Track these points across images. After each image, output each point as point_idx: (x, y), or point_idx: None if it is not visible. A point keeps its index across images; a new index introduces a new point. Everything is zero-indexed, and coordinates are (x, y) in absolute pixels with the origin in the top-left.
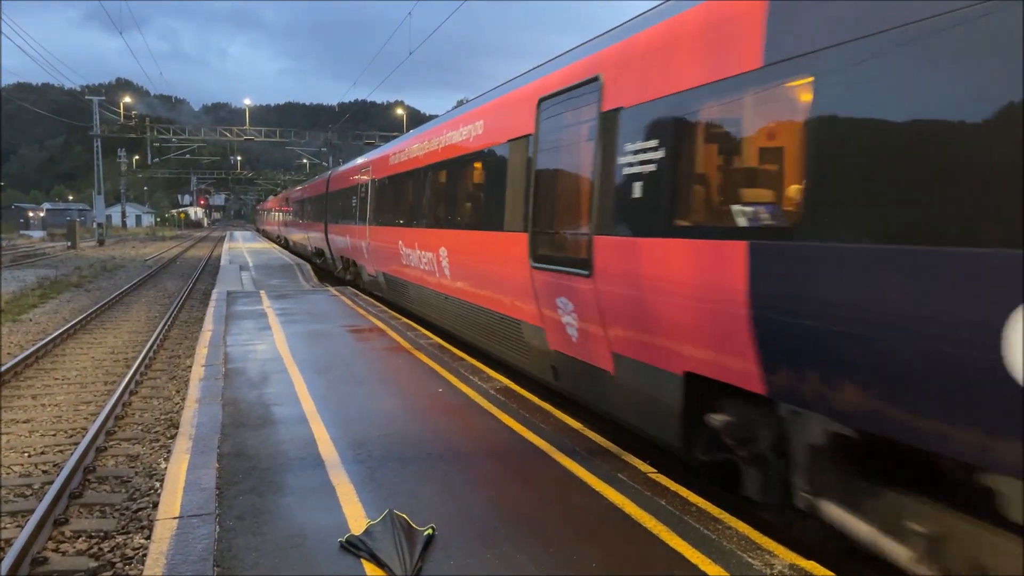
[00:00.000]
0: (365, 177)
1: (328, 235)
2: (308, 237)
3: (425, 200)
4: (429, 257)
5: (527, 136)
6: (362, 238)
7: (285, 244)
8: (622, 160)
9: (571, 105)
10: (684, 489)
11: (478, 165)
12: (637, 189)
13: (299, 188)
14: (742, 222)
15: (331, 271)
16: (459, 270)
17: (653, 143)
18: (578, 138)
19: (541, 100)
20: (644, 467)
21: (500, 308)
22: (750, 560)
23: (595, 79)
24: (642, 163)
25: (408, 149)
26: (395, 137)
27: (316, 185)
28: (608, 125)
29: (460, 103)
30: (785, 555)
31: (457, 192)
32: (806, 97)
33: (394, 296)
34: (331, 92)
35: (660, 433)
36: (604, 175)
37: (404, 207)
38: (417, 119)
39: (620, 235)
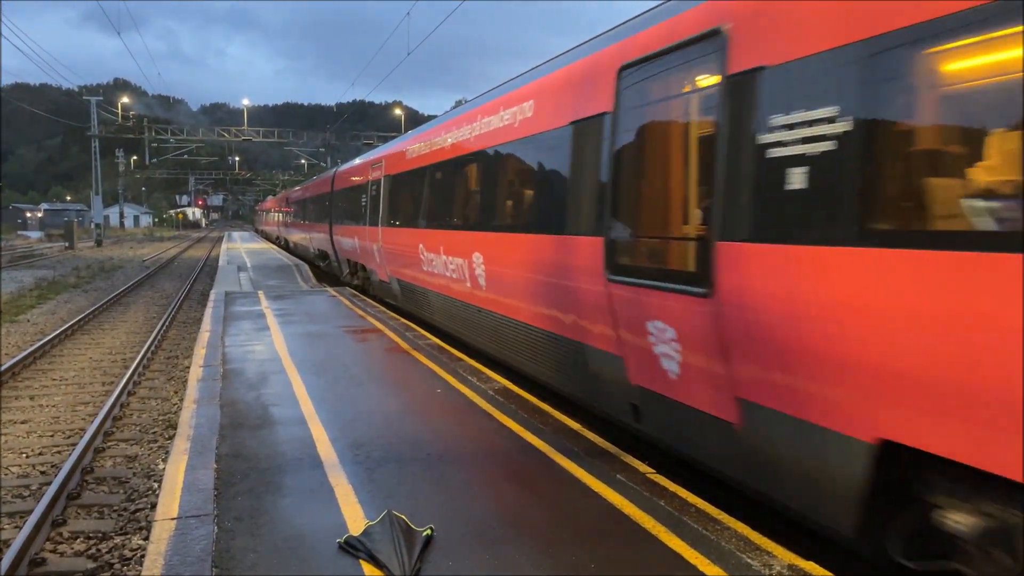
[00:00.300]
0: (377, 174)
1: (333, 236)
2: (311, 238)
3: (453, 198)
4: (458, 264)
5: (601, 116)
6: (374, 240)
7: (285, 245)
8: (766, 139)
9: (672, 71)
10: (683, 490)
11: (527, 155)
12: (796, 178)
13: (300, 187)
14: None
15: (336, 275)
16: (498, 280)
17: (828, 112)
18: (684, 113)
19: (623, 69)
20: (643, 468)
21: (555, 327)
22: (749, 560)
23: (715, 32)
24: (805, 142)
25: (430, 141)
26: (394, 137)
27: (320, 183)
28: (740, 92)
29: (458, 103)
30: (784, 555)
31: (497, 188)
32: None
33: (411, 305)
34: (329, 92)
35: (818, 514)
36: (733, 160)
37: (426, 206)
38: (415, 119)
39: (764, 241)
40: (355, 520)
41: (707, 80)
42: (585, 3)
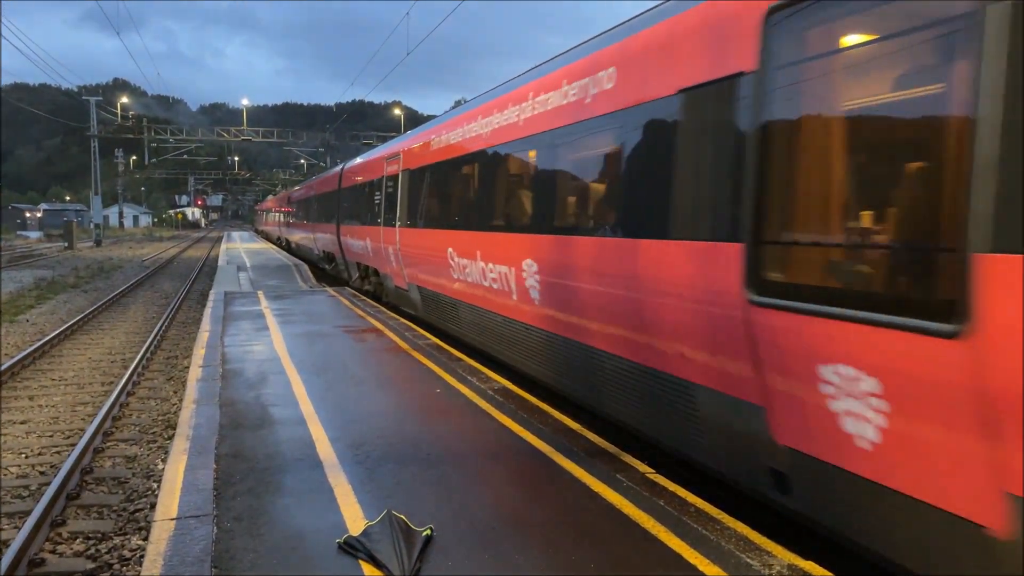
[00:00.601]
0: (394, 168)
1: (340, 238)
2: (315, 239)
3: (494, 195)
4: (502, 272)
5: (735, 78)
6: (389, 243)
7: (286, 247)
8: None
9: (869, 5)
10: (683, 490)
11: (606, 137)
12: None
13: (302, 185)
14: None
15: (343, 279)
16: (558, 293)
17: None
18: (896, 62)
19: (774, 11)
20: (643, 467)
21: (645, 358)
22: (748, 560)
23: None
24: None
25: (462, 128)
26: (393, 136)
27: (325, 180)
28: None
29: (458, 103)
30: (783, 555)
31: (556, 182)
32: None
33: (435, 317)
34: (327, 92)
35: None
36: (1016, 129)
37: (457, 205)
38: (415, 119)
39: None
40: (355, 520)
41: (951, 8)
42: (583, 4)
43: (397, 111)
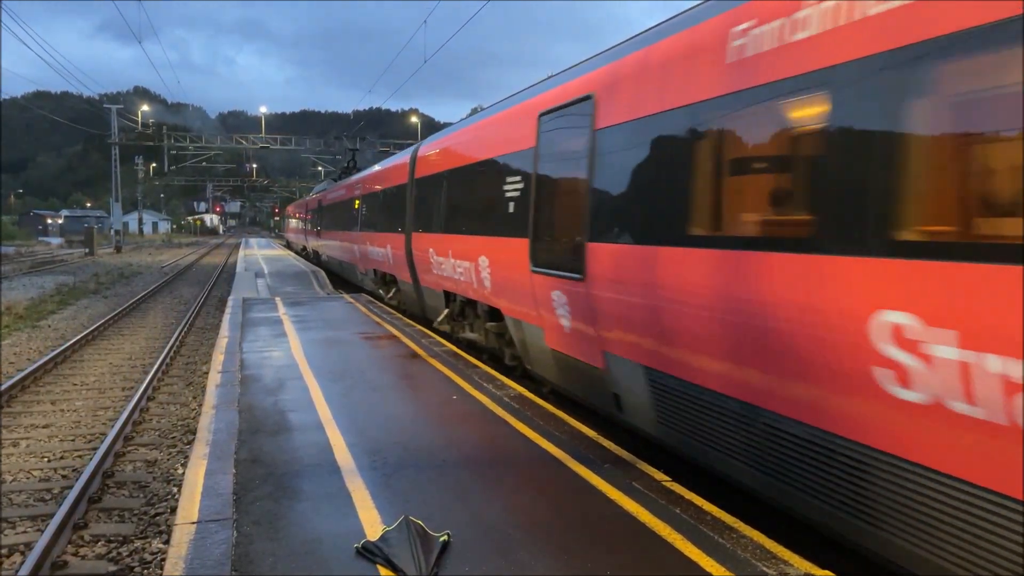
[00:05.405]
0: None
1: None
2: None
3: None
4: None
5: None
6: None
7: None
8: None
9: None
10: (699, 498)
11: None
12: None
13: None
14: None
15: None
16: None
17: None
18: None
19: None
20: (659, 475)
21: None
22: (764, 568)
23: None
24: None
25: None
26: (411, 145)
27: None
28: None
29: (475, 111)
30: (800, 564)
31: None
32: None
33: None
34: (338, 100)
35: None
36: None
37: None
38: (431, 127)
39: None
40: (372, 525)
41: None
42: (591, 8)
43: (414, 119)
